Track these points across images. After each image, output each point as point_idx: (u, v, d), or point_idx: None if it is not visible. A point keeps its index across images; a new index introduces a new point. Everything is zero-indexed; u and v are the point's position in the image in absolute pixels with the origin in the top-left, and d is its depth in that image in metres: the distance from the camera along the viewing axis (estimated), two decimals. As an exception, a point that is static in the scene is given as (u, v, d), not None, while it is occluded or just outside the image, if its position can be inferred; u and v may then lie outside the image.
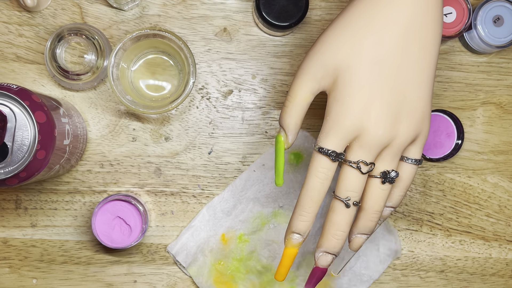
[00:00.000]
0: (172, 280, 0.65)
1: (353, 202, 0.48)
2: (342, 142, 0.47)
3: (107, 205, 0.61)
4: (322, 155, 0.47)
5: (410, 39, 0.47)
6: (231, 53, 0.65)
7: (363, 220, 0.50)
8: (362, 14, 0.47)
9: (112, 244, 0.61)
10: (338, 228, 0.49)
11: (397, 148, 0.48)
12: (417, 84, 0.47)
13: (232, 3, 0.65)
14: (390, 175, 0.48)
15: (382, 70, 0.46)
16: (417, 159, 0.50)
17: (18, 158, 0.49)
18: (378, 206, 0.49)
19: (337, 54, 0.47)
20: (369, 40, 0.46)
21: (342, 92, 0.47)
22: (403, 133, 0.47)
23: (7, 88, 0.49)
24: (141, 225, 0.61)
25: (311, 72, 0.48)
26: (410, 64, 0.47)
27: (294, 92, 0.49)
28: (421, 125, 0.48)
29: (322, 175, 0.47)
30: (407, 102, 0.47)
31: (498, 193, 0.67)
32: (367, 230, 0.50)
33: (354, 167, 0.47)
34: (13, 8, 0.64)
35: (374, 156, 0.48)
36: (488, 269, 0.68)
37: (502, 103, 0.67)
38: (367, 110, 0.46)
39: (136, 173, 0.65)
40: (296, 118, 0.49)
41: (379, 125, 0.46)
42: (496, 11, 0.64)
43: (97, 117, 0.64)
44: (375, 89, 0.46)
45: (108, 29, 0.64)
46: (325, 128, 0.47)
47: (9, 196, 0.64)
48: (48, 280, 0.64)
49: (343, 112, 0.47)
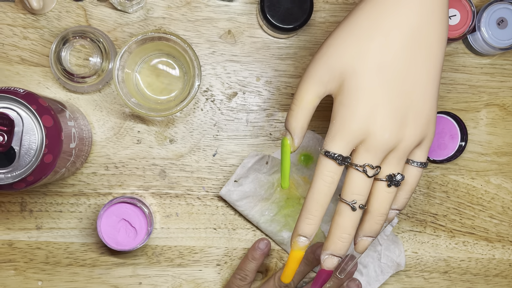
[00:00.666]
0: (177, 282, 0.65)
1: (359, 205, 0.48)
2: (348, 146, 0.47)
3: (113, 207, 0.61)
4: (329, 158, 0.47)
5: (416, 42, 0.47)
6: (236, 55, 0.65)
7: (369, 223, 0.50)
8: (368, 18, 0.47)
9: (117, 246, 0.61)
10: (344, 231, 0.49)
11: (403, 151, 0.48)
12: (423, 87, 0.47)
13: (236, 5, 0.65)
14: (395, 178, 0.49)
15: (388, 74, 0.46)
16: (422, 162, 0.50)
17: (26, 162, 0.49)
18: (384, 209, 0.49)
19: (343, 58, 0.47)
20: (375, 43, 0.47)
21: (348, 96, 0.47)
22: (409, 136, 0.48)
23: (14, 93, 0.49)
24: (147, 227, 0.61)
25: (317, 75, 0.48)
26: (416, 68, 0.47)
27: (300, 96, 0.49)
28: (427, 129, 0.49)
29: (328, 179, 0.48)
30: (413, 105, 0.47)
31: (502, 194, 0.68)
32: (372, 233, 0.50)
33: (360, 170, 0.47)
34: (18, 10, 0.64)
35: (380, 159, 0.48)
36: (492, 270, 0.68)
37: (506, 105, 0.67)
38: (373, 114, 0.46)
39: (141, 175, 0.65)
40: (302, 121, 0.49)
41: (385, 128, 0.47)
42: (500, 13, 0.64)
43: (102, 119, 0.64)
44: (381, 93, 0.46)
45: (113, 32, 0.64)
46: (331, 132, 0.48)
47: (14, 199, 0.64)
48: (53, 282, 0.65)
49: (349, 116, 0.47)
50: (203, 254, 0.65)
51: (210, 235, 0.65)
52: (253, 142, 0.66)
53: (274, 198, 0.65)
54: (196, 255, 0.65)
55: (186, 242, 0.65)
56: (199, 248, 0.65)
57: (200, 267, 0.66)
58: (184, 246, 0.65)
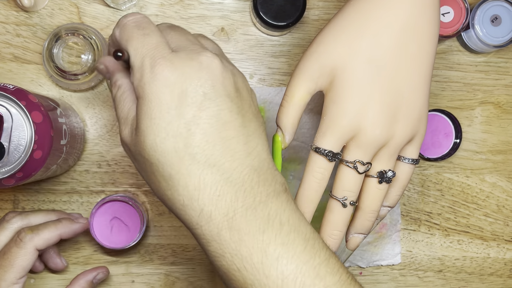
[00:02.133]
0: (170, 279, 0.65)
1: (349, 202, 0.48)
2: (338, 142, 0.47)
3: (105, 205, 0.61)
4: (319, 155, 0.47)
5: (407, 39, 0.47)
6: (229, 53, 0.65)
7: (360, 220, 0.50)
8: (358, 14, 0.47)
9: (110, 245, 0.60)
10: (335, 227, 0.49)
11: (394, 148, 0.48)
12: (414, 84, 0.47)
13: (229, 3, 0.65)
14: (387, 175, 0.48)
15: (379, 70, 0.46)
16: (414, 159, 0.50)
17: (15, 158, 0.49)
18: (375, 205, 0.49)
19: (334, 54, 0.47)
20: (366, 40, 0.46)
21: (338, 92, 0.47)
22: (400, 133, 0.47)
23: (3, 88, 0.49)
24: (140, 225, 0.61)
25: (308, 72, 0.48)
26: (407, 64, 0.47)
27: (291, 92, 0.49)
28: (418, 125, 0.48)
29: (319, 175, 0.47)
30: (404, 102, 0.47)
31: (496, 192, 0.67)
32: (364, 230, 0.50)
33: (351, 167, 0.47)
34: (11, 8, 0.63)
35: (371, 156, 0.47)
36: (486, 269, 0.68)
37: (500, 103, 0.67)
38: (364, 110, 0.46)
39: (134, 173, 0.64)
40: (293, 117, 0.49)
41: (376, 124, 0.46)
42: (494, 10, 0.64)
43: (95, 117, 0.64)
44: (372, 89, 0.46)
45: (106, 29, 0.64)
46: (322, 128, 0.47)
47: (7, 196, 0.64)
48: (45, 280, 0.64)
49: (340, 112, 0.46)
50: (196, 252, 0.65)
51: (203, 233, 0.65)
52: (246, 140, 0.65)
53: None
54: (189, 253, 0.65)
55: (179, 240, 0.65)
56: (192, 246, 0.65)
57: (193, 265, 0.65)
58: (177, 244, 0.65)
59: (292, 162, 0.65)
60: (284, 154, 0.65)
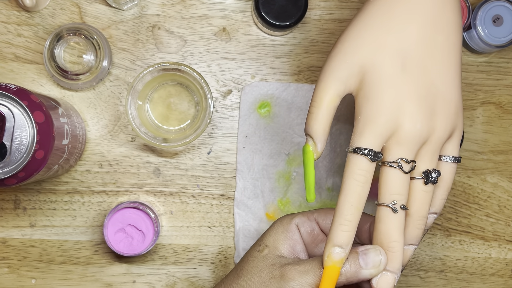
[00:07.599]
0: (171, 280, 0.65)
1: (400, 206, 0.44)
2: (378, 140, 0.44)
3: (116, 214, 0.61)
4: (359, 155, 0.43)
5: (433, 31, 0.45)
6: (230, 53, 0.65)
7: (409, 228, 0.45)
8: (381, 11, 0.45)
9: (128, 252, 0.60)
10: (391, 238, 0.44)
11: (436, 143, 0.45)
12: (446, 76, 0.45)
13: (231, 2, 0.65)
14: (432, 175, 0.45)
15: (408, 63, 0.44)
16: (456, 157, 0.47)
17: (17, 158, 0.49)
18: (424, 210, 0.45)
19: (360, 52, 0.45)
20: (392, 34, 0.45)
21: (371, 90, 0.44)
22: (440, 127, 0.45)
23: (5, 88, 0.49)
24: (153, 228, 0.61)
25: (336, 73, 0.45)
26: (437, 56, 0.45)
27: (319, 96, 0.46)
28: (456, 119, 0.46)
29: (361, 178, 0.43)
30: (439, 94, 0.45)
31: (498, 193, 0.67)
32: (414, 240, 0.46)
33: (395, 166, 0.44)
34: (12, 7, 0.63)
35: (413, 153, 0.44)
36: (488, 269, 0.68)
37: (502, 103, 0.67)
38: (401, 104, 0.44)
39: (135, 173, 0.64)
40: (324, 123, 0.45)
41: (415, 119, 0.44)
42: (496, 10, 0.64)
43: (96, 117, 0.64)
44: (405, 83, 0.44)
45: (107, 29, 0.64)
46: (358, 128, 0.44)
47: (8, 196, 0.64)
48: (47, 280, 0.64)
49: (376, 109, 0.44)
50: (197, 253, 0.65)
51: (205, 233, 0.65)
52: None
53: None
54: (190, 253, 0.65)
55: (181, 240, 0.65)
56: (194, 246, 0.65)
57: (194, 265, 0.65)
58: (179, 244, 0.65)
59: (295, 159, 0.65)
60: (288, 150, 0.65)
